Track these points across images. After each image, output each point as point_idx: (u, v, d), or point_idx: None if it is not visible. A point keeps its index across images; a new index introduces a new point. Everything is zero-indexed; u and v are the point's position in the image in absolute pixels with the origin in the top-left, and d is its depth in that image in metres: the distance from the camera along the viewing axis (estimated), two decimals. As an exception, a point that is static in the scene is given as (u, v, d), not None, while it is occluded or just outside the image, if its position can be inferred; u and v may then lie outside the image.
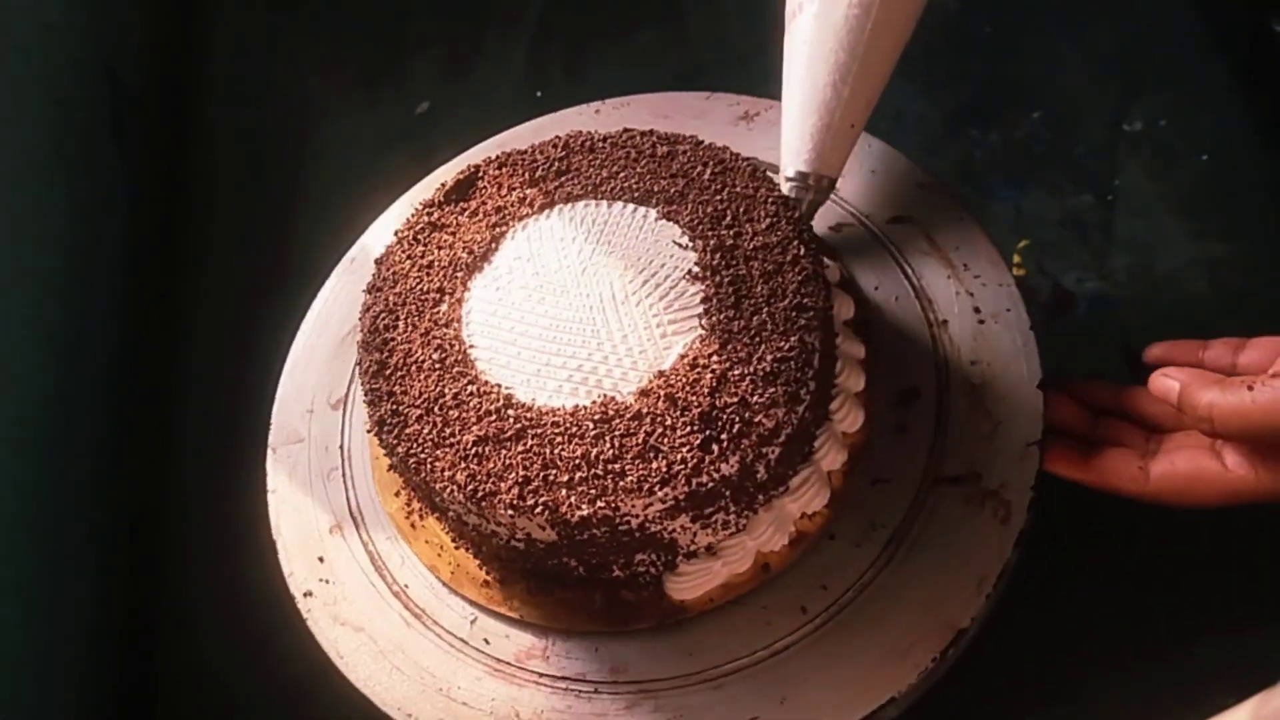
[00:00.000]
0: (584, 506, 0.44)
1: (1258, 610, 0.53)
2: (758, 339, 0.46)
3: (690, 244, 0.50)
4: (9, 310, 0.67)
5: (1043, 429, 0.51)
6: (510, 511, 0.45)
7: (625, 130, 0.56)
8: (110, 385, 0.74)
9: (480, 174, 0.56)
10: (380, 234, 0.66)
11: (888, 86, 0.54)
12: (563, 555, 0.48)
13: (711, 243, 0.50)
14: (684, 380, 0.46)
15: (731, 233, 0.50)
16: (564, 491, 0.45)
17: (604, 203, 0.53)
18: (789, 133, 0.55)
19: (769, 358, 0.46)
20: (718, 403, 0.45)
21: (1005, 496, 0.49)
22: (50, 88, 0.76)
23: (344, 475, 0.58)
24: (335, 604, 0.55)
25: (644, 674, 0.49)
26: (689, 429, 0.45)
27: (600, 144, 0.55)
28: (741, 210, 0.51)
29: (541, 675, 0.51)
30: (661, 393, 0.46)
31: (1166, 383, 0.47)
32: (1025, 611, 0.51)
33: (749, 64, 0.79)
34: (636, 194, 0.53)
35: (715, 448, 0.44)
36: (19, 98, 0.72)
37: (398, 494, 0.56)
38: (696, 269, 0.49)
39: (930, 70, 0.74)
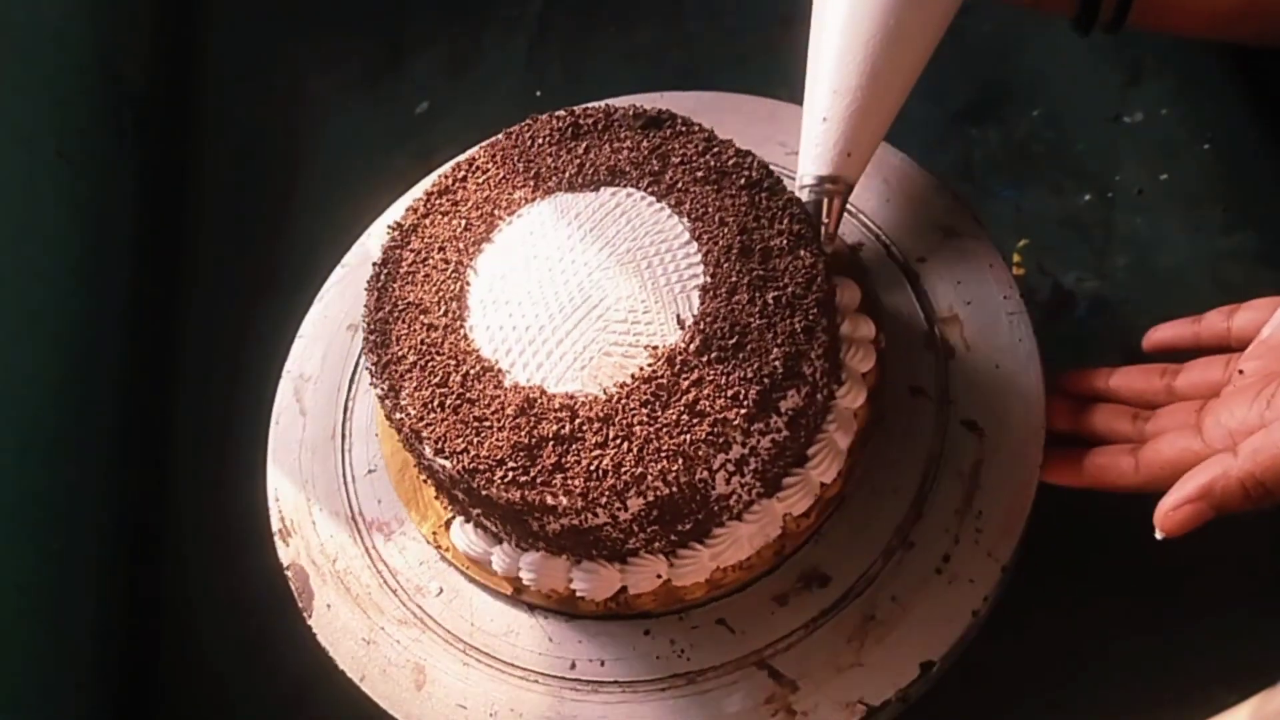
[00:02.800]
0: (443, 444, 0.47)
1: (1258, 610, 0.53)
2: (636, 451, 0.45)
3: (691, 324, 0.48)
4: (11, 310, 0.67)
5: (892, 698, 0.47)
6: (389, 400, 0.49)
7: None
8: (112, 385, 0.74)
9: (666, 120, 0.55)
10: (380, 234, 0.66)
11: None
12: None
13: (700, 336, 0.47)
14: (557, 422, 0.46)
15: (736, 327, 0.47)
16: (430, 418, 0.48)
17: (684, 227, 0.51)
18: (812, 135, 0.52)
19: (634, 465, 0.45)
20: (557, 454, 0.46)
21: None
22: (52, 88, 0.76)
23: None
24: (308, 383, 0.61)
25: (437, 611, 0.53)
26: (508, 454, 0.46)
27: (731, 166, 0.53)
28: (767, 316, 0.47)
29: (377, 556, 0.55)
30: (541, 412, 0.46)
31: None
32: (1024, 612, 0.51)
33: (749, 64, 0.79)
34: (707, 244, 0.50)
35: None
36: (20, 98, 0.72)
37: None
38: (664, 351, 0.47)
39: (930, 70, 0.74)
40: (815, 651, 0.49)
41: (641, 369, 0.47)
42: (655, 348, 0.47)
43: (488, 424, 0.47)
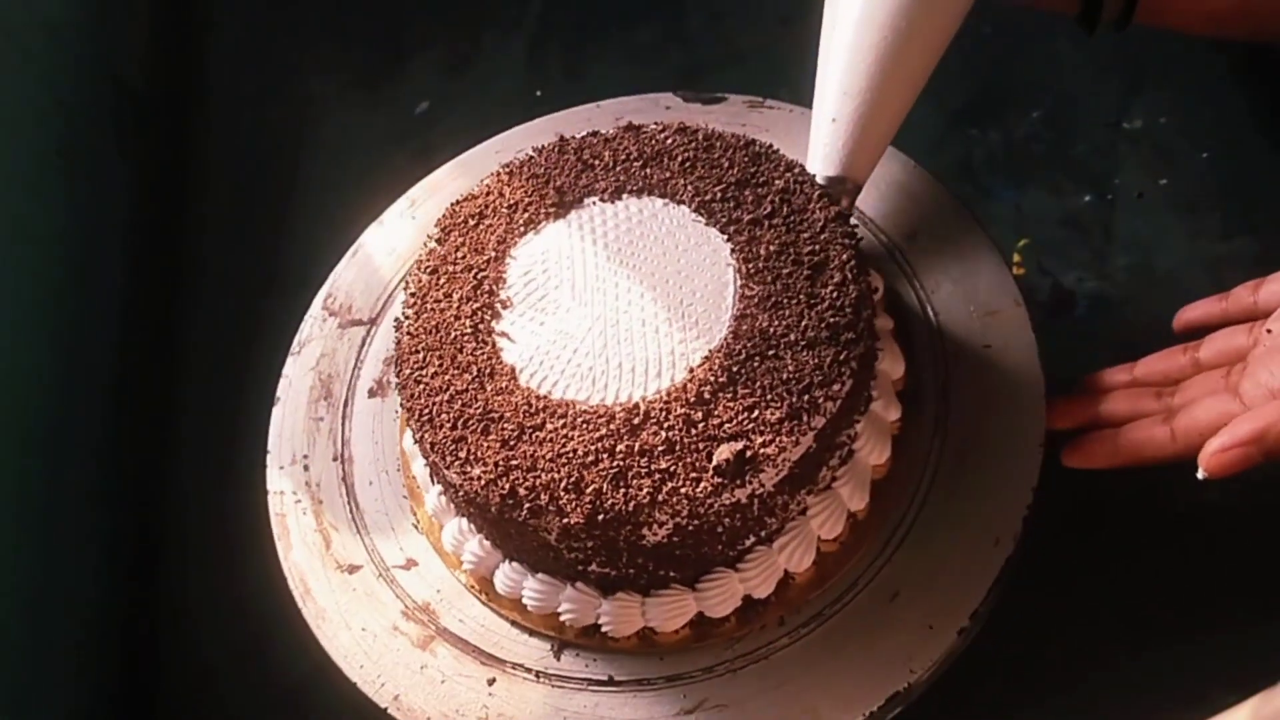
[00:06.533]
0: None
1: (1258, 609, 0.53)
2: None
3: (716, 379, 0.47)
4: (10, 309, 0.67)
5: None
6: (408, 382, 0.50)
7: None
8: (110, 387, 0.74)
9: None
10: (379, 234, 0.66)
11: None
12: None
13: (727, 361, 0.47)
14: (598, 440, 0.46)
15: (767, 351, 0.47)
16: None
17: (729, 254, 0.50)
18: (821, 135, 0.53)
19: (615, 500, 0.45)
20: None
21: None
22: (51, 87, 0.76)
23: None
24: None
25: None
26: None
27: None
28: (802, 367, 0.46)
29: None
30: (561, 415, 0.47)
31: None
32: (1024, 610, 0.51)
33: (749, 64, 0.79)
34: (745, 270, 0.49)
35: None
36: (20, 98, 0.72)
37: None
38: (692, 373, 0.47)
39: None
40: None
41: (669, 388, 0.47)
42: (689, 367, 0.47)
43: (522, 441, 0.47)
